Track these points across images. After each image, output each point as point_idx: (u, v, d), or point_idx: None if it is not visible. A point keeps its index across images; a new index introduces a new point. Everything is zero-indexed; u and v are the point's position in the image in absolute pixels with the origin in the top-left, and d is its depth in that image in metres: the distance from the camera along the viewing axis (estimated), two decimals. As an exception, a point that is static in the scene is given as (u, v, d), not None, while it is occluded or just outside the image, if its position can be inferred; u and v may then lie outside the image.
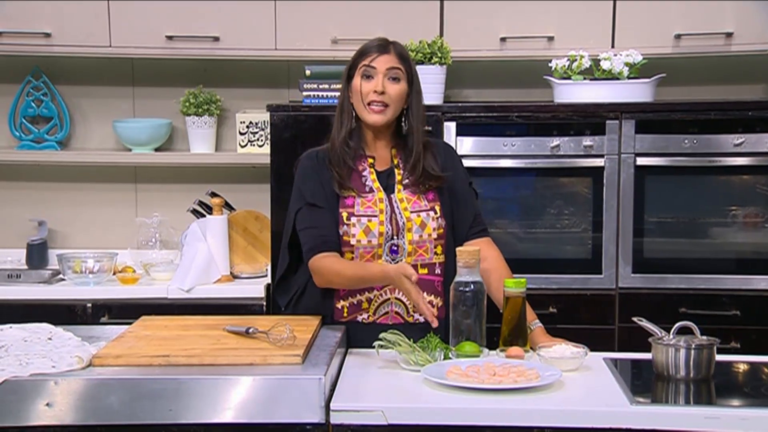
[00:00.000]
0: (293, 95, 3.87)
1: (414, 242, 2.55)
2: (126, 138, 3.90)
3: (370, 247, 2.54)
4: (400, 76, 2.56)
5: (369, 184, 2.60)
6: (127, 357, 2.17)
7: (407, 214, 2.56)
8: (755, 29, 3.54)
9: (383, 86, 2.54)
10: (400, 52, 2.60)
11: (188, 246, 3.63)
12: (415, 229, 2.56)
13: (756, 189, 3.47)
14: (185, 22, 3.67)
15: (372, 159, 2.63)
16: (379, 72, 2.55)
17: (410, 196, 2.59)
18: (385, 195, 2.58)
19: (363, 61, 2.56)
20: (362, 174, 2.61)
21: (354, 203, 2.56)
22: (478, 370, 2.19)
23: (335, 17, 3.66)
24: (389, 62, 2.56)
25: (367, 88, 2.55)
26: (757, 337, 3.37)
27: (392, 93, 2.55)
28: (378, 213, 2.55)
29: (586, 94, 3.50)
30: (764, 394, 2.28)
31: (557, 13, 3.62)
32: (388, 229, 2.55)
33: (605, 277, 3.46)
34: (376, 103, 2.55)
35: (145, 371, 2.11)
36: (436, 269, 2.59)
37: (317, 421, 2.04)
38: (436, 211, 2.59)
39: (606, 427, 2.03)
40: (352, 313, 2.57)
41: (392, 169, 2.63)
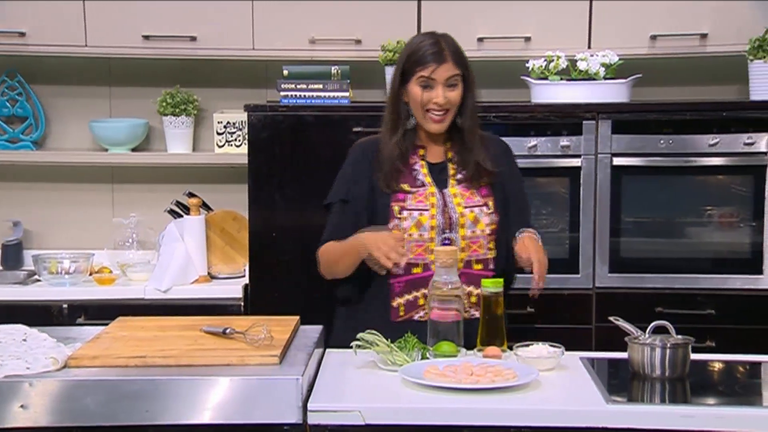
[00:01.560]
0: (271, 95, 3.86)
1: (467, 238, 2.55)
2: (102, 138, 3.88)
3: (421, 240, 2.53)
4: (458, 81, 2.55)
5: (421, 178, 2.59)
6: (104, 358, 2.16)
7: (460, 209, 2.56)
8: (730, 30, 3.57)
9: (444, 97, 2.53)
10: (455, 55, 2.55)
11: (165, 246, 3.61)
12: (468, 225, 2.55)
13: (731, 189, 3.50)
14: (162, 22, 3.66)
15: (423, 150, 2.63)
16: (439, 83, 2.52)
17: (464, 191, 2.58)
18: (437, 189, 2.58)
19: (421, 72, 2.52)
20: (413, 168, 2.60)
21: (406, 197, 2.56)
22: (455, 369, 2.19)
23: (313, 17, 3.66)
24: (448, 71, 2.52)
25: (427, 98, 2.53)
26: (732, 336, 3.39)
27: (452, 99, 2.54)
28: (429, 207, 2.55)
29: (563, 95, 3.51)
30: (738, 392, 2.30)
31: (534, 14, 3.64)
32: (440, 222, 2.54)
33: (582, 276, 3.48)
34: (437, 112, 2.54)
35: (121, 372, 2.10)
36: (490, 264, 2.58)
37: (294, 421, 2.04)
38: (489, 206, 2.58)
39: (582, 426, 2.04)
40: (408, 312, 2.55)
41: (446, 163, 2.62)
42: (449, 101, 2.53)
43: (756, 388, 2.41)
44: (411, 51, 2.56)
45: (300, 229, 3.51)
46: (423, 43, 2.55)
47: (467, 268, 2.54)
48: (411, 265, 2.55)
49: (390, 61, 3.55)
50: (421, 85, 2.53)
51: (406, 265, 2.53)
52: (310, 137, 3.50)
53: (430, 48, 2.53)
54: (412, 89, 2.54)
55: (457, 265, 2.44)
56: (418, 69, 2.52)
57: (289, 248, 3.52)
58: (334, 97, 3.56)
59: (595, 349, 3.26)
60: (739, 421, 2.02)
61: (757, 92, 3.51)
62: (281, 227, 3.52)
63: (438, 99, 2.52)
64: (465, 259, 2.54)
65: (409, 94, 2.56)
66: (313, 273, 3.50)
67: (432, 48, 2.53)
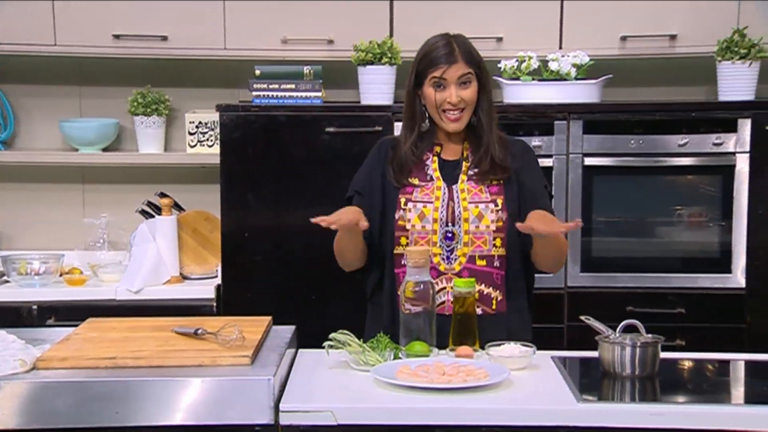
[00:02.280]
0: (243, 95, 3.85)
1: (470, 232, 2.56)
2: (73, 138, 3.85)
3: (424, 232, 2.55)
4: (470, 79, 2.56)
5: (430, 173, 2.62)
6: (73, 359, 2.14)
7: (465, 204, 2.57)
8: (698, 32, 3.60)
9: (457, 95, 2.54)
10: (467, 54, 2.56)
11: (137, 247, 3.59)
12: (472, 220, 2.56)
13: (700, 189, 3.54)
14: (133, 22, 3.64)
15: (439, 147, 2.65)
16: (451, 83, 2.54)
17: (472, 188, 2.59)
18: (444, 184, 2.59)
19: (433, 73, 2.54)
20: (425, 163, 2.63)
21: (413, 190, 2.59)
22: (427, 369, 2.20)
23: (285, 17, 3.65)
24: (459, 71, 2.54)
25: (440, 98, 2.55)
26: (701, 335, 3.43)
27: (466, 98, 2.56)
28: (434, 200, 2.57)
29: (534, 95, 3.53)
30: (707, 390, 2.32)
31: (506, 15, 3.65)
32: (443, 215, 2.56)
33: (554, 276, 3.46)
34: (452, 111, 2.56)
35: (91, 374, 2.08)
36: (495, 261, 2.57)
37: (266, 422, 2.04)
38: (497, 203, 2.58)
39: (553, 425, 2.05)
40: None
41: (461, 161, 2.63)
42: (463, 99, 2.55)
43: (725, 386, 2.44)
44: (423, 53, 2.59)
45: (273, 230, 3.51)
46: (434, 45, 2.58)
47: (470, 264, 2.55)
48: None
49: (362, 61, 3.55)
50: (434, 86, 2.56)
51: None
52: (282, 137, 3.49)
53: (441, 49, 2.56)
54: (426, 91, 2.57)
55: (428, 265, 2.44)
56: (430, 70, 2.55)
57: (262, 249, 3.52)
58: (306, 97, 3.56)
59: (566, 348, 3.27)
60: (708, 419, 2.04)
61: (726, 93, 3.55)
62: (254, 227, 3.51)
63: (451, 98, 2.54)
64: (468, 254, 2.55)
65: (425, 96, 2.59)
66: (286, 273, 3.52)
67: (443, 49, 2.56)
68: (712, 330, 3.45)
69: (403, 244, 2.57)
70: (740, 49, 3.49)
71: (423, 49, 2.61)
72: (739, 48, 3.49)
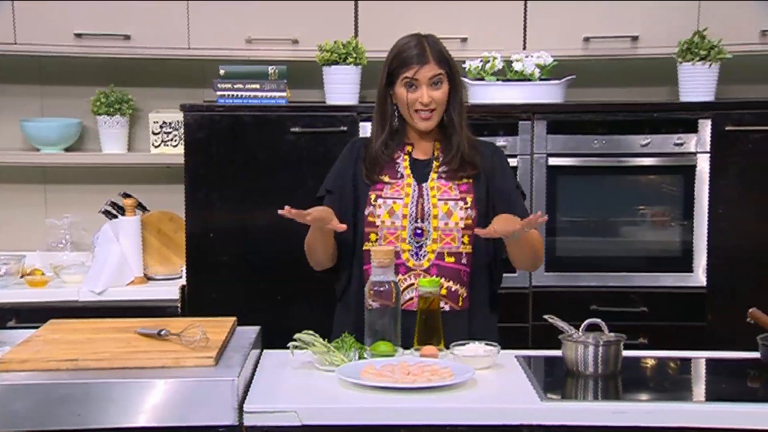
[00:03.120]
0: (207, 95, 3.83)
1: (439, 229, 2.57)
2: (34, 138, 3.81)
3: (393, 228, 2.56)
4: (442, 79, 2.58)
5: (401, 170, 2.63)
6: (34, 361, 2.12)
7: (434, 200, 2.58)
8: (659, 33, 3.64)
9: (428, 96, 2.56)
10: (438, 54, 2.58)
11: (100, 247, 3.56)
12: (441, 216, 2.57)
13: (662, 188, 3.57)
14: (95, 20, 3.60)
15: (411, 147, 2.66)
16: (422, 83, 2.56)
17: (442, 185, 2.61)
18: (414, 182, 2.61)
19: (405, 74, 2.56)
20: (396, 161, 2.64)
21: (384, 187, 2.60)
22: (392, 369, 2.20)
23: (249, 17, 3.64)
24: (430, 71, 2.56)
25: (412, 98, 2.57)
26: (663, 333, 3.46)
27: (437, 98, 2.57)
28: (404, 196, 2.58)
29: (498, 95, 3.55)
30: (669, 388, 2.35)
31: (470, 15, 3.67)
32: (412, 211, 2.57)
33: (519, 275, 3.51)
34: (423, 111, 2.58)
35: (52, 376, 2.06)
36: (463, 259, 2.59)
37: (230, 423, 2.03)
38: (466, 201, 2.59)
39: (517, 423, 2.06)
40: None
41: (431, 160, 2.65)
42: (434, 100, 2.57)
43: (686, 383, 2.47)
44: (395, 53, 2.61)
45: (238, 230, 3.50)
46: (406, 45, 2.60)
47: (439, 260, 2.56)
48: None
49: (327, 61, 3.55)
50: (406, 86, 2.57)
51: None
52: (247, 137, 3.48)
53: (413, 49, 2.58)
54: (398, 91, 2.59)
55: (393, 264, 2.45)
56: (402, 71, 2.57)
57: (227, 249, 3.50)
58: (271, 97, 3.54)
59: (531, 347, 3.29)
60: (669, 417, 2.06)
61: (686, 94, 3.59)
62: (218, 228, 3.50)
63: (423, 99, 2.56)
64: (437, 250, 2.56)
65: (396, 95, 2.60)
66: (251, 274, 3.51)
67: (415, 49, 2.57)
68: (674, 328, 3.50)
69: (373, 240, 2.58)
70: (700, 50, 3.53)
71: (395, 48, 2.62)
72: (699, 49, 3.54)
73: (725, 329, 3.42)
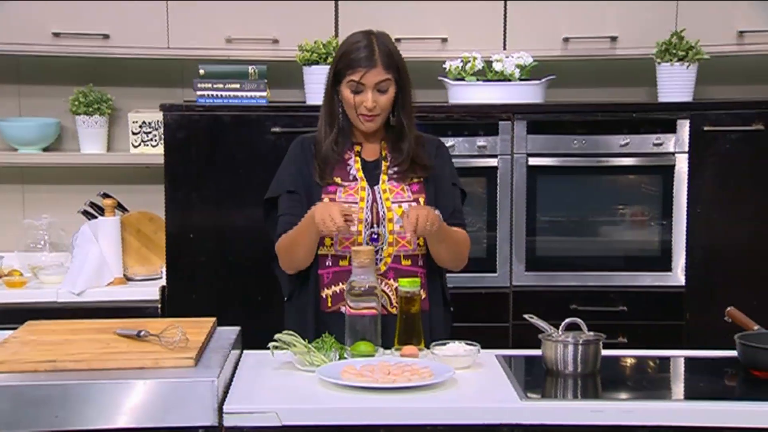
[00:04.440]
0: (187, 95, 3.81)
1: (395, 233, 2.55)
2: (11, 137, 3.78)
3: (349, 234, 2.52)
4: (388, 85, 2.54)
5: (353, 173, 2.60)
6: (11, 363, 2.10)
7: (388, 204, 2.56)
8: (638, 34, 3.66)
9: (373, 101, 2.52)
10: (387, 58, 2.53)
11: (79, 248, 3.54)
12: (396, 220, 2.55)
13: (641, 188, 3.59)
14: (73, 19, 3.58)
15: (359, 147, 2.63)
16: (368, 88, 2.51)
17: (394, 187, 2.59)
18: (367, 185, 2.58)
19: (351, 76, 2.50)
20: (347, 163, 2.61)
21: (336, 190, 2.57)
22: (372, 369, 2.20)
23: (229, 16, 3.63)
24: (377, 76, 2.51)
25: (358, 101, 2.53)
26: (642, 332, 3.48)
27: (381, 104, 2.54)
28: (358, 201, 2.55)
29: (479, 95, 3.56)
30: (647, 387, 2.36)
31: (450, 15, 3.67)
32: (368, 217, 2.55)
33: (499, 275, 3.53)
34: (368, 115, 2.55)
35: (29, 377, 2.04)
36: (419, 261, 2.58)
37: (210, 424, 2.02)
38: (419, 202, 2.58)
39: (497, 422, 2.06)
40: (335, 303, 2.55)
41: (380, 160, 2.62)
42: (378, 105, 2.54)
43: (664, 382, 2.48)
44: (343, 52, 2.56)
45: (218, 230, 3.49)
46: (355, 45, 2.54)
47: (396, 263, 2.56)
48: (338, 257, 2.56)
49: (308, 61, 3.54)
50: (352, 89, 2.53)
51: (333, 257, 2.55)
52: (227, 137, 3.47)
53: (361, 51, 2.52)
54: (343, 91, 2.55)
55: (373, 265, 2.45)
56: (348, 72, 2.52)
57: (207, 249, 3.49)
58: (251, 97, 3.54)
59: (512, 346, 3.31)
60: (648, 415, 2.07)
61: (665, 94, 3.62)
62: (198, 228, 3.49)
63: (367, 103, 2.52)
64: (393, 254, 2.56)
65: (341, 95, 2.57)
66: (230, 274, 3.50)
67: (363, 51, 2.52)
68: (653, 327, 3.51)
69: (328, 244, 2.55)
70: (678, 51, 3.56)
71: (343, 46, 2.57)
72: (678, 50, 3.56)
73: (703, 328, 3.44)
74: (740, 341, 2.32)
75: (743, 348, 2.32)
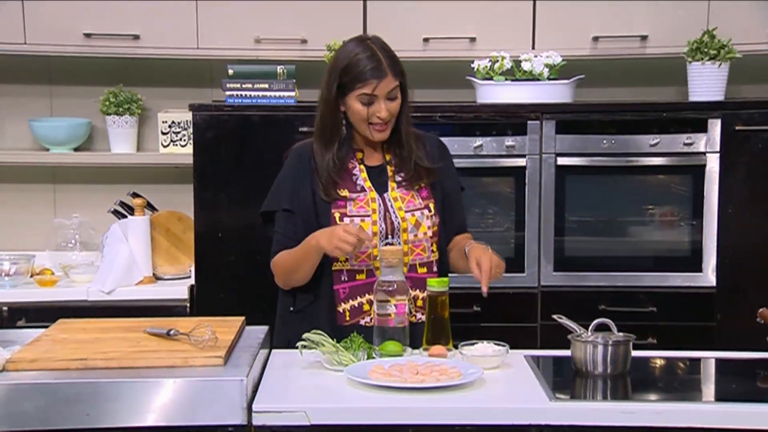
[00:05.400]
0: (216, 95, 3.83)
1: (410, 242, 2.54)
2: (43, 137, 3.82)
3: (364, 247, 2.50)
4: (397, 92, 2.53)
5: (360, 183, 2.58)
6: (43, 361, 2.12)
7: (402, 213, 2.55)
8: (668, 33, 3.63)
9: (386, 111, 2.51)
10: (394, 66, 2.51)
11: (109, 247, 3.57)
12: (410, 229, 2.55)
13: (671, 188, 3.56)
14: (104, 20, 3.61)
15: (361, 153, 2.61)
16: (381, 98, 2.49)
17: (404, 195, 2.58)
18: (377, 194, 2.57)
19: (362, 90, 2.47)
20: (352, 172, 2.58)
21: (346, 204, 2.54)
22: (400, 369, 2.20)
23: (258, 16, 3.64)
24: (389, 85, 2.49)
25: (371, 113, 2.50)
26: (672, 333, 3.46)
27: (393, 111, 2.53)
28: (371, 213, 2.54)
29: (507, 95, 3.54)
30: (677, 388, 2.35)
31: (479, 15, 3.66)
32: (382, 228, 2.54)
33: (528, 275, 3.51)
34: (380, 125, 2.53)
35: (61, 375, 2.06)
36: (434, 267, 2.58)
37: (239, 422, 2.03)
38: (430, 208, 2.58)
39: (526, 423, 2.05)
40: (354, 317, 2.55)
41: (384, 166, 2.61)
42: (391, 113, 2.52)
43: (695, 384, 2.46)
44: (347, 64, 2.50)
45: (246, 230, 3.49)
46: (359, 57, 2.49)
47: (412, 272, 2.55)
48: (355, 272, 2.55)
49: (336, 61, 3.54)
50: (363, 102, 2.50)
51: (349, 272, 2.54)
52: (255, 137, 3.48)
53: (368, 63, 2.48)
54: (352, 105, 2.51)
55: (402, 265, 2.44)
56: (358, 86, 2.48)
57: (235, 249, 3.51)
58: (279, 97, 3.55)
59: (540, 346, 3.29)
60: (678, 417, 2.05)
61: (696, 93, 3.58)
62: (227, 228, 3.50)
63: (381, 114, 2.50)
64: (409, 263, 2.55)
65: (349, 108, 2.52)
66: (258, 274, 3.50)
67: (370, 63, 2.47)
68: (683, 328, 3.48)
69: (342, 260, 2.53)
70: (710, 50, 3.52)
71: (344, 59, 2.51)
72: (709, 49, 3.52)
73: (734, 329, 3.42)
74: (772, 343, 2.30)
75: (775, 350, 2.29)
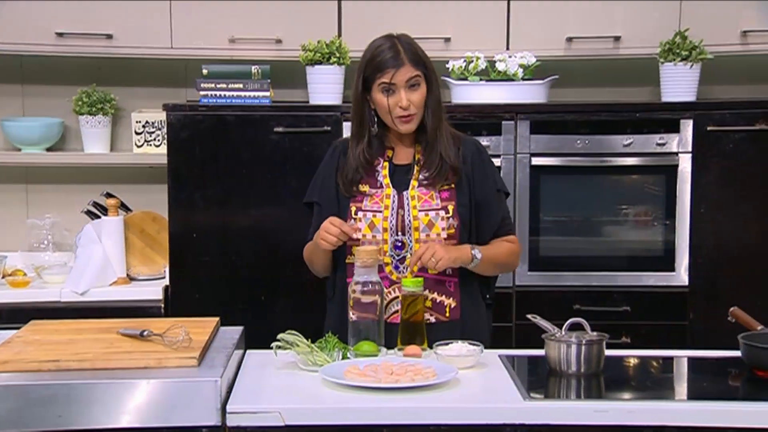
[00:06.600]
0: (190, 95, 3.82)
1: (421, 241, 2.54)
2: (15, 137, 3.78)
3: (375, 242, 2.53)
4: (419, 81, 2.54)
5: (380, 179, 2.60)
6: (15, 363, 2.10)
7: (415, 212, 2.55)
8: (641, 34, 3.66)
9: (407, 99, 2.52)
10: (413, 56, 2.53)
11: (82, 248, 3.54)
12: (422, 228, 2.55)
13: (645, 188, 3.59)
14: (77, 19, 3.58)
15: (391, 151, 2.63)
16: (400, 87, 2.51)
17: (423, 194, 2.57)
18: (394, 191, 2.58)
19: (381, 79, 2.50)
20: (376, 169, 2.61)
21: (363, 199, 2.58)
22: (375, 369, 2.20)
23: (232, 16, 3.63)
24: (407, 74, 2.51)
25: (392, 103, 2.52)
26: (646, 332, 3.48)
27: (415, 101, 2.53)
28: (383, 208, 2.56)
29: (482, 95, 3.56)
30: (650, 387, 2.36)
31: (454, 15, 3.67)
32: (392, 224, 2.55)
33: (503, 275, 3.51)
34: (404, 116, 2.54)
35: (33, 377, 2.05)
36: (448, 269, 2.57)
37: (213, 423, 2.02)
38: (447, 210, 2.56)
39: (500, 423, 2.06)
40: None
41: (412, 165, 2.62)
42: (412, 103, 2.53)
43: (668, 382, 2.48)
44: (369, 58, 2.55)
45: (221, 230, 3.49)
46: (380, 48, 2.54)
47: (422, 272, 2.53)
48: None
49: (311, 61, 3.54)
50: (383, 91, 2.52)
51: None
52: (230, 137, 3.47)
53: (387, 53, 2.52)
54: (375, 96, 2.55)
55: (377, 264, 2.45)
56: (378, 75, 2.52)
57: (210, 249, 3.49)
58: (254, 97, 3.54)
59: (515, 346, 3.31)
60: (651, 415, 2.07)
61: (668, 94, 3.61)
62: (202, 228, 3.49)
63: (401, 102, 2.51)
64: None
65: (374, 101, 2.56)
66: (234, 274, 3.50)
67: (389, 52, 2.52)
68: (656, 327, 3.51)
69: (353, 253, 2.54)
70: (682, 50, 3.55)
71: (368, 53, 2.57)
72: (681, 50, 3.55)
73: (707, 328, 3.45)
74: (744, 341, 2.32)
75: (747, 348, 2.31)
